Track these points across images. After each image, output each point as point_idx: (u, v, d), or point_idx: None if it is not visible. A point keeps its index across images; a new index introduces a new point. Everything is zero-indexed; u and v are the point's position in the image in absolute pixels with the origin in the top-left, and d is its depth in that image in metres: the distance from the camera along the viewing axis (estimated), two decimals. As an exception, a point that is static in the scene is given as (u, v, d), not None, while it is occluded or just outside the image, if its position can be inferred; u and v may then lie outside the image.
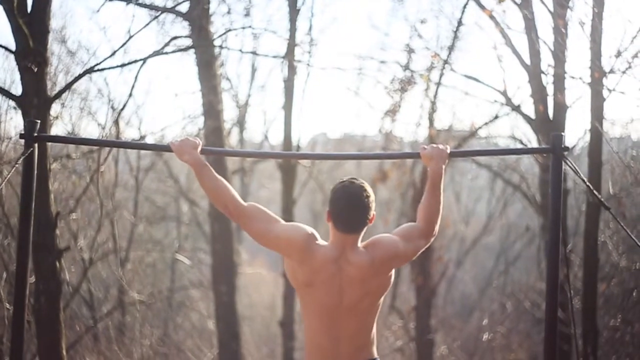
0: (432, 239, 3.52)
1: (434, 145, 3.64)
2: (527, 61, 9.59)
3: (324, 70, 13.65)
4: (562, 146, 3.69)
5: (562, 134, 3.73)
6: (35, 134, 3.70)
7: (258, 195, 22.41)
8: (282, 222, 3.35)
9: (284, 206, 12.68)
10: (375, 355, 3.36)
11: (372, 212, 3.27)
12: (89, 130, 11.64)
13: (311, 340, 3.34)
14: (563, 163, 3.70)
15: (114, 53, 7.56)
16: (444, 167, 3.58)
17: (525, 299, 16.16)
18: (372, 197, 3.27)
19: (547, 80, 9.54)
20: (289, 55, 11.39)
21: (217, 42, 10.59)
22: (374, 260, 3.26)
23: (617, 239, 10.04)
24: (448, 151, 3.63)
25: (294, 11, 11.62)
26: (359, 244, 3.31)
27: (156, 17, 9.35)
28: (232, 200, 3.37)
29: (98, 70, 7.67)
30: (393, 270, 3.36)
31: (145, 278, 14.75)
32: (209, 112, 10.76)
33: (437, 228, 3.50)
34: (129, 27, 10.80)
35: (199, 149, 3.49)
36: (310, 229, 3.32)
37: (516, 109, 10.47)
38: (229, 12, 10.59)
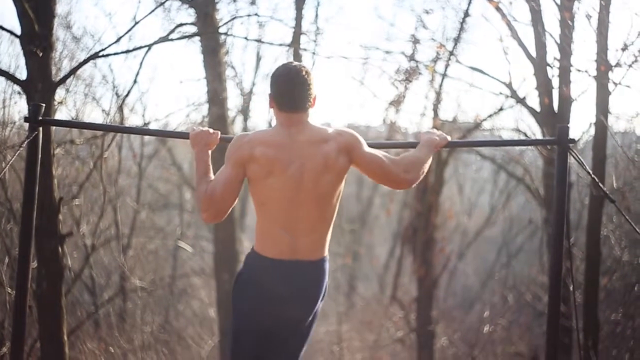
0: (403, 186, 3.40)
1: (433, 130, 3.66)
2: (533, 53, 9.54)
3: (329, 60, 13.55)
4: (568, 138, 3.68)
5: (568, 125, 3.72)
6: (40, 118, 3.69)
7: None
8: (225, 168, 3.23)
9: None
10: (326, 253, 3.32)
11: (314, 92, 3.23)
12: (93, 116, 11.63)
13: (268, 231, 3.23)
14: (568, 155, 3.69)
15: (119, 39, 7.52)
16: (438, 145, 3.58)
17: (526, 292, 16.18)
18: (313, 76, 3.22)
19: (553, 73, 9.48)
20: (295, 43, 11.34)
21: (222, 30, 10.55)
22: (331, 137, 3.23)
23: (619, 233, 10.04)
24: (449, 138, 3.63)
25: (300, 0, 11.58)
26: (310, 123, 3.26)
27: (162, 3, 9.32)
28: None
29: (103, 56, 7.63)
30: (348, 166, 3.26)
31: (147, 265, 14.76)
32: (213, 100, 10.75)
33: (413, 178, 3.38)
34: (135, 13, 10.84)
35: (212, 147, 3.43)
36: (237, 136, 3.27)
37: (521, 101, 10.41)
38: (234, 0, 10.55)
